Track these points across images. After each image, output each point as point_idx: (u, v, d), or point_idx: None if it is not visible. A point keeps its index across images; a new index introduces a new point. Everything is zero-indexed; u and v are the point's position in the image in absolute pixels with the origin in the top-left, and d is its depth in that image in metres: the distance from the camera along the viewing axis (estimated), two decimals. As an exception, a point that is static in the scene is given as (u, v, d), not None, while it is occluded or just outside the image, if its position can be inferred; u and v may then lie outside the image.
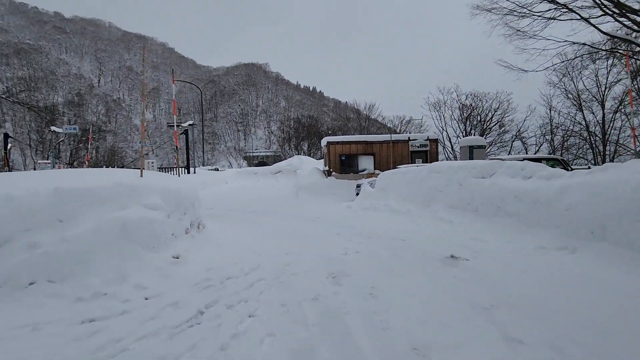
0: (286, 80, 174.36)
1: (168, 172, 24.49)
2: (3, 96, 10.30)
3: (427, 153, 17.94)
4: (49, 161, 21.35)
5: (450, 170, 7.96)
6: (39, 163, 19.64)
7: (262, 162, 59.93)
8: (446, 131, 31.03)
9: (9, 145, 19.76)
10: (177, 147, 6.82)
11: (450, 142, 31.25)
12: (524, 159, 8.46)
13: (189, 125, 25.56)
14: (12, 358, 2.20)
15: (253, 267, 4.29)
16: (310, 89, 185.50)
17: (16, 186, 3.83)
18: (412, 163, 17.51)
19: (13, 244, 3.47)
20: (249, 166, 56.86)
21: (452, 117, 30.81)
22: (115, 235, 3.89)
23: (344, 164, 17.87)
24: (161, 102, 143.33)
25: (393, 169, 14.28)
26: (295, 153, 47.57)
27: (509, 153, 29.08)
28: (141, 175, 5.03)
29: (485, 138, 26.01)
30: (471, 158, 13.79)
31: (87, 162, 17.17)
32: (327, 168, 18.21)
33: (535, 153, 26.99)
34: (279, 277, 3.92)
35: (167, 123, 27.18)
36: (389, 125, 46.76)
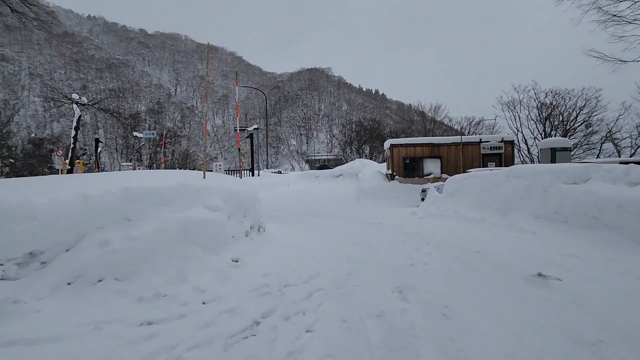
0: (348, 84, 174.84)
1: (234, 174, 25.64)
2: (89, 103, 11.52)
3: (502, 156, 16.45)
4: (131, 163, 23.57)
5: (533, 175, 7.04)
6: (123, 165, 21.69)
7: (324, 165, 60.44)
8: (522, 132, 28.45)
9: (99, 149, 22.17)
10: (239, 149, 6.88)
11: (527, 144, 28.58)
12: (622, 162, 7.25)
13: (254, 129, 26.51)
14: (72, 358, 2.20)
15: (312, 275, 4.07)
16: (373, 92, 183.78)
17: (92, 186, 4.05)
18: (483, 167, 16.21)
19: (87, 240, 3.64)
20: (311, 169, 57.76)
21: (529, 117, 28.16)
22: (177, 235, 3.92)
23: (408, 168, 17.10)
24: (229, 109, 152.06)
25: (463, 173, 13.30)
26: (357, 156, 47.18)
27: (598, 156, 25.71)
28: (204, 177, 5.10)
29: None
30: (553, 162, 12.33)
31: (162, 164, 18.54)
32: (390, 171, 17.58)
33: (630, 156, 23.50)
34: (340, 287, 3.64)
35: (235, 127, 28.48)
36: (456, 127, 44.31)
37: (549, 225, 6.12)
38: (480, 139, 16.85)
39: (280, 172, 33.98)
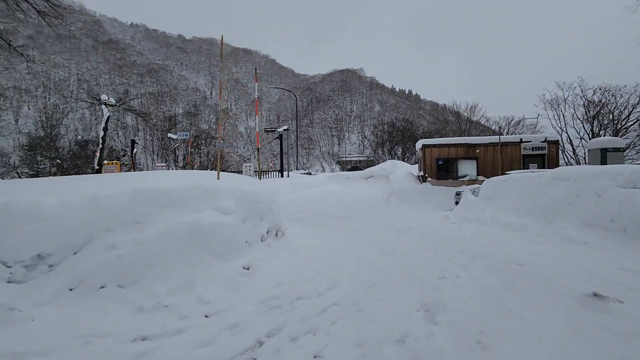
0: (381, 84, 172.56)
1: (262, 176, 25.69)
2: (117, 104, 11.82)
3: (545, 157, 15.29)
4: (165, 164, 24.21)
5: (584, 177, 6.29)
6: (157, 165, 22.29)
7: (355, 166, 59.80)
8: (566, 132, 26.53)
9: (135, 149, 22.92)
10: (258, 148, 6.65)
11: (572, 144, 26.62)
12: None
13: (284, 130, 26.49)
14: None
15: (329, 286, 3.71)
16: (406, 92, 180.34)
17: (103, 186, 3.92)
18: (524, 169, 15.14)
19: (95, 243, 3.49)
20: (343, 171, 57.30)
21: (575, 116, 26.19)
22: (184, 240, 3.69)
23: (441, 169, 16.28)
24: (263, 111, 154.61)
25: (501, 175, 12.43)
26: (389, 158, 46.26)
27: (655, 158, 23.45)
28: (218, 178, 4.87)
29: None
30: (603, 163, 11.22)
31: (189, 164, 18.83)
32: (421, 173, 16.84)
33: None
34: (358, 302, 3.25)
35: (265, 128, 28.67)
36: (493, 127, 42.29)
37: (603, 235, 5.40)
38: (521, 139, 15.74)
39: (310, 173, 33.79)
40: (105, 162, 22.69)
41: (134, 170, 23.69)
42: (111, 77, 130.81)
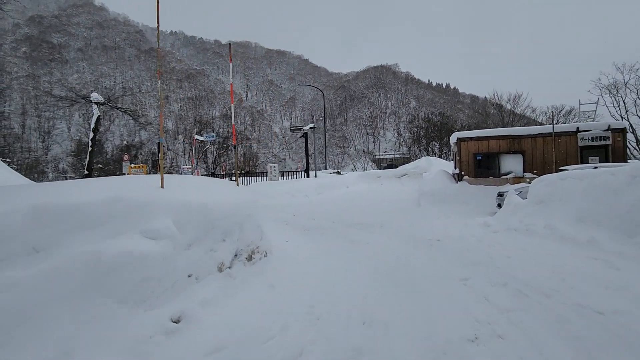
0: (417, 79, 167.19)
1: (290, 176, 24.65)
2: (106, 102, 10.96)
3: (608, 149, 12.86)
4: (190, 166, 23.78)
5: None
6: (182, 168, 21.85)
7: (391, 164, 57.69)
8: (628, 120, 23.17)
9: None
10: (235, 146, 5.39)
11: (635, 134, 23.23)
12: None
13: (310, 128, 25.27)
14: None
15: (290, 355, 2.36)
16: (443, 86, 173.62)
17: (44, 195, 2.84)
18: (582, 163, 12.84)
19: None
20: (378, 169, 55.41)
21: (638, 101, 22.82)
22: (78, 281, 2.49)
23: (480, 166, 14.24)
24: (297, 111, 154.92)
25: (556, 172, 10.39)
26: (425, 154, 43.89)
27: None
28: (162, 186, 3.64)
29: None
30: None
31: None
32: (457, 171, 14.88)
33: None
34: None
35: (291, 127, 27.63)
36: (540, 118, 38.60)
37: None
38: (577, 128, 13.35)
39: (339, 173, 32.39)
40: (132, 165, 22.64)
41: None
42: (153, 84, 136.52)
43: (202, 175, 24.80)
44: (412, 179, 25.57)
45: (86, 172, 10.77)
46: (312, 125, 25.45)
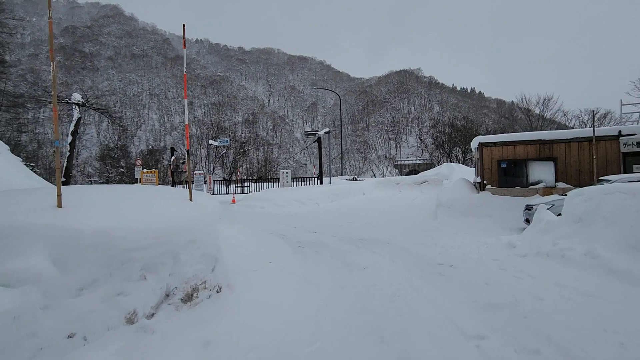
0: (440, 84, 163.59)
1: (304, 182, 23.75)
2: (84, 102, 10.41)
3: (656, 155, 11.20)
4: (202, 172, 23.29)
5: None
6: (194, 174, 21.36)
7: (413, 170, 56.00)
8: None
9: (172, 157, 22.27)
10: (188, 150, 4.50)
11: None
12: None
13: (325, 132, 24.35)
14: None
15: None
16: (468, 91, 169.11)
17: None
18: (625, 172, 11.25)
19: None
20: (400, 175, 53.83)
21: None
22: None
23: (506, 174, 12.83)
24: (318, 116, 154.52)
25: (597, 182, 8.99)
26: (447, 160, 42.11)
27: None
28: (59, 205, 2.72)
29: None
30: None
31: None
32: (478, 179, 13.49)
33: None
34: None
35: (305, 132, 26.80)
36: (572, 122, 36.06)
37: None
38: (620, 131, 11.74)
39: (356, 179, 31.23)
40: (144, 170, 22.39)
41: (172, 179, 23.13)
42: (178, 91, 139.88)
43: (214, 181, 24.29)
44: (433, 187, 24.16)
45: (63, 178, 10.19)
46: (326, 130, 24.53)
